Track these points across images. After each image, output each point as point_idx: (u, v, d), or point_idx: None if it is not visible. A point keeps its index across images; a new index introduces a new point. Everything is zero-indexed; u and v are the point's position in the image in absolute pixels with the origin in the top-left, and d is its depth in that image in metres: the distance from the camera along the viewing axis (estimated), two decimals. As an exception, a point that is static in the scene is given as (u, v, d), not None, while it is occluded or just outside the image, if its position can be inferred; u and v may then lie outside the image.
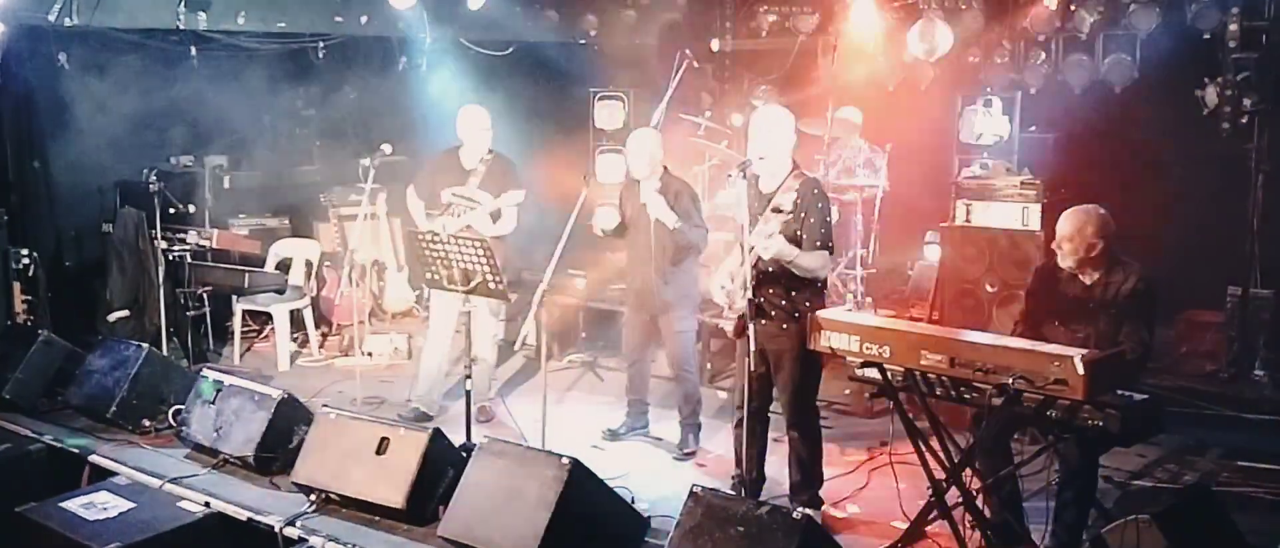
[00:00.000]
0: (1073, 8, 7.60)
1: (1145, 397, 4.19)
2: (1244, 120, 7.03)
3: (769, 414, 5.30)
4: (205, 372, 6.15)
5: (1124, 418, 3.99)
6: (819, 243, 4.92)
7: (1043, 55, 7.90)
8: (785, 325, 4.97)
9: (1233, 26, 7.04)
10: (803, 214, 4.90)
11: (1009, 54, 7.99)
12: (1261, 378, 6.92)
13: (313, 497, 5.21)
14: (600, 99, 8.92)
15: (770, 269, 4.93)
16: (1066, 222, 4.81)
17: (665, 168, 6.06)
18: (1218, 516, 4.42)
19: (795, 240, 4.86)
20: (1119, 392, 4.09)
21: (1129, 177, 7.56)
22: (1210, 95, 7.18)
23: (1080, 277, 4.84)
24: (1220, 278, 7.22)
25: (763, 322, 4.67)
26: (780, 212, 4.85)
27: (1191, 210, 7.61)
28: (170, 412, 6.17)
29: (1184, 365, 7.21)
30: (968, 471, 4.50)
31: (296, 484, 5.29)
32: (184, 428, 5.94)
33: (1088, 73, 7.73)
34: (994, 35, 8.02)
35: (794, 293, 4.98)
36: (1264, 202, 7.09)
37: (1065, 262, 4.81)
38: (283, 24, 8.15)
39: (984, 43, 8.06)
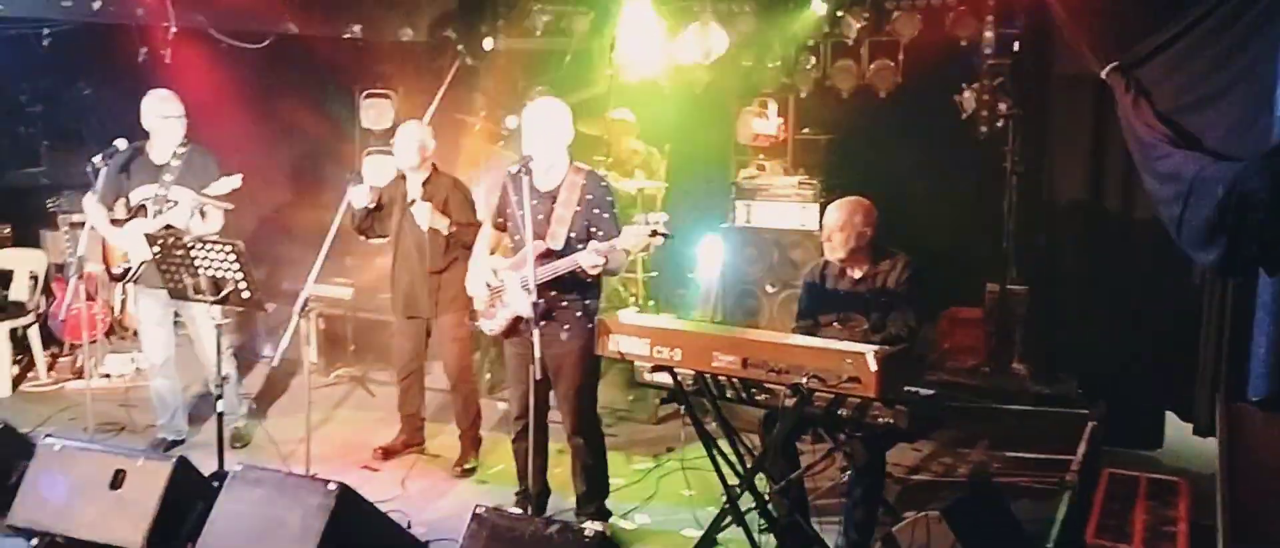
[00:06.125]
0: (840, 14, 7.75)
1: (931, 392, 4.24)
2: (999, 124, 7.34)
3: (549, 423, 5.05)
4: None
5: (912, 414, 3.99)
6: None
7: (813, 60, 8.01)
8: (568, 327, 4.76)
9: (988, 33, 7.31)
10: (595, 210, 4.69)
11: (781, 58, 8.07)
12: (1020, 370, 7.23)
13: (35, 541, 4.63)
14: (367, 97, 8.46)
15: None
16: (834, 213, 4.93)
17: (434, 165, 5.73)
18: (998, 507, 4.55)
19: (587, 239, 4.66)
20: (906, 388, 4.09)
21: (895, 178, 7.76)
22: (968, 100, 7.44)
23: (849, 271, 4.94)
24: (979, 275, 7.52)
25: (542, 324, 4.41)
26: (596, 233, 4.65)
27: (952, 211, 7.90)
28: None
29: (948, 360, 7.47)
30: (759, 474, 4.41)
31: (14, 528, 4.69)
32: None
33: (854, 78, 7.88)
34: (766, 39, 8.08)
35: (576, 294, 4.77)
36: (1018, 202, 7.42)
37: (835, 253, 4.90)
38: (-4, 8, 7.22)
39: (757, 46, 8.11)
